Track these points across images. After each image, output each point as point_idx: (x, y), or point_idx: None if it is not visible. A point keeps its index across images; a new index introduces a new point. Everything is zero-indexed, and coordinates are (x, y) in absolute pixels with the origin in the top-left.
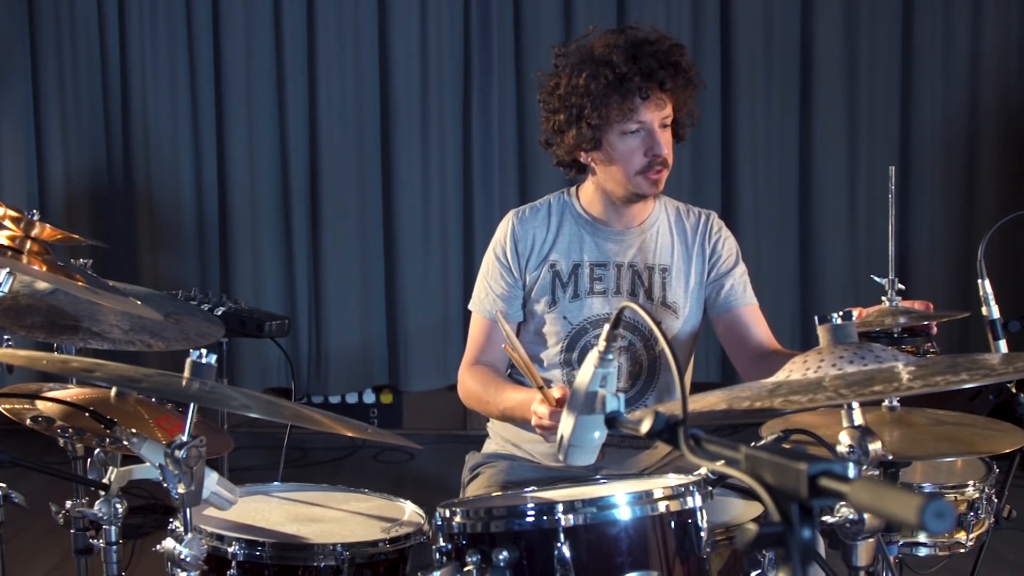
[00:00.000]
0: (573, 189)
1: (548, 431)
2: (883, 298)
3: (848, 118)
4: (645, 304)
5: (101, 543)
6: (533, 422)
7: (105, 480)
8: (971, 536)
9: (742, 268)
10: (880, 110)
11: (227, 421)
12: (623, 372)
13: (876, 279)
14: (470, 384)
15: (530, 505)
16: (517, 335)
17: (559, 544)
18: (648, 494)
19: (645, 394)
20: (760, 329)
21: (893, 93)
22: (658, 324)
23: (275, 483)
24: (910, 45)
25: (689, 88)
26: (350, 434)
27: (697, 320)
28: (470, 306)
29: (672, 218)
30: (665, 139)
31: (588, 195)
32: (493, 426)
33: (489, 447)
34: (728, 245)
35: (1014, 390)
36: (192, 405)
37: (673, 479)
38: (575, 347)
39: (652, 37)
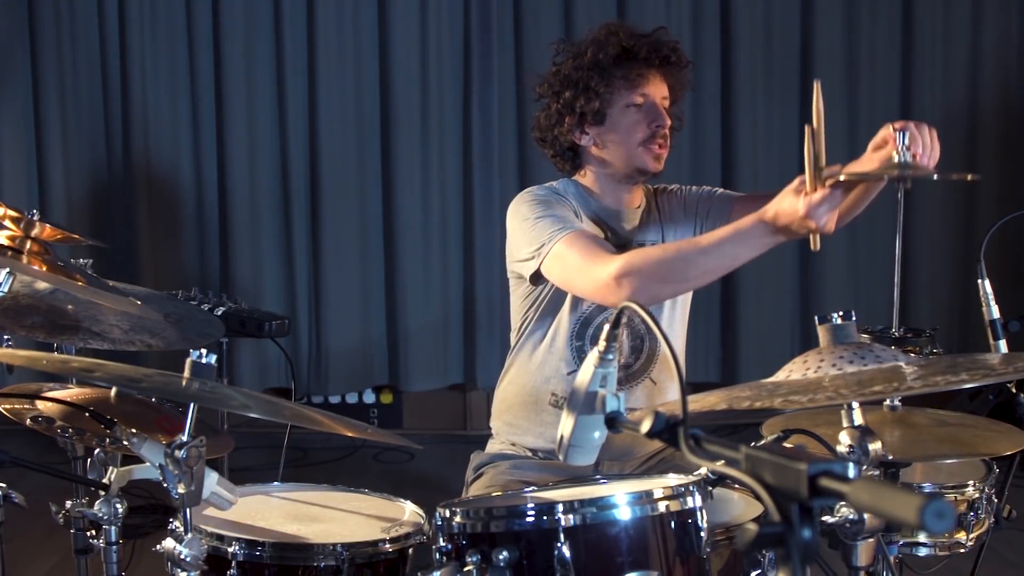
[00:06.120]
0: (577, 178)
1: (821, 206)
2: (893, 153)
3: (848, 117)
4: None
5: (101, 543)
6: (804, 207)
7: (105, 480)
8: (971, 536)
9: (715, 190)
10: (880, 109)
11: (227, 421)
12: (624, 348)
13: None
14: (645, 254)
15: (530, 505)
16: (532, 300)
17: (559, 544)
18: (648, 494)
19: (648, 368)
20: (757, 196)
21: (893, 92)
22: (657, 324)
23: (275, 483)
24: (910, 44)
25: (684, 77)
26: (350, 434)
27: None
28: (555, 234)
29: (648, 199)
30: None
31: (590, 184)
32: (497, 426)
33: (493, 447)
34: (692, 190)
35: (1014, 390)
36: (192, 405)
37: (673, 479)
38: (591, 323)
39: (647, 31)
